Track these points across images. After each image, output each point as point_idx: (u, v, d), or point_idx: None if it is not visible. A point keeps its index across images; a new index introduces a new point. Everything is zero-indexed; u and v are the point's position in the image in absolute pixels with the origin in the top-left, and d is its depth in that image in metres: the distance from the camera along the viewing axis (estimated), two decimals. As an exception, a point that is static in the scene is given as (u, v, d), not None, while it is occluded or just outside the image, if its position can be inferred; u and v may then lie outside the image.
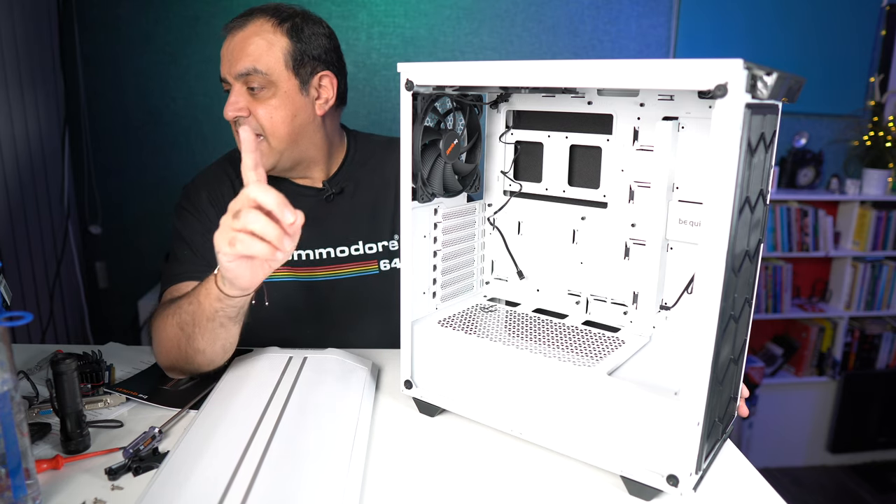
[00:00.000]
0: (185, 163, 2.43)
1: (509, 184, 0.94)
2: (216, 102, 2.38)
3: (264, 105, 0.99)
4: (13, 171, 1.97)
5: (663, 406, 0.63)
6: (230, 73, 0.99)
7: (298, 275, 1.08)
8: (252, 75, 0.98)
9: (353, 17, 2.38)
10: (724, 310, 0.58)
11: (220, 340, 0.86)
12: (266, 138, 1.01)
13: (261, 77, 0.98)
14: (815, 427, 2.87)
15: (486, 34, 2.47)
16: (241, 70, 0.98)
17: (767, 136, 0.64)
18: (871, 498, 2.64)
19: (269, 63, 0.98)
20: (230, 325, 0.84)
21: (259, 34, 0.99)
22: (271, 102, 0.99)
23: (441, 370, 0.81)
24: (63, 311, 2.30)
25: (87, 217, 2.45)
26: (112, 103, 2.38)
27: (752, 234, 0.65)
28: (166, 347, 0.90)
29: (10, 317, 0.55)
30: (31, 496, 0.61)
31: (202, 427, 0.75)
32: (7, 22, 1.93)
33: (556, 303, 0.92)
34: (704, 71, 0.54)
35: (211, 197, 1.07)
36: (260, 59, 0.98)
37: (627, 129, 0.81)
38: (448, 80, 0.73)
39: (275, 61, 0.99)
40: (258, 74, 0.98)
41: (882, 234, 2.68)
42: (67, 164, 2.32)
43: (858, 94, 2.69)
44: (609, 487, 0.69)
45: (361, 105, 2.44)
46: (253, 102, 0.99)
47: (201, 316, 0.83)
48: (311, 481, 0.64)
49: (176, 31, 2.33)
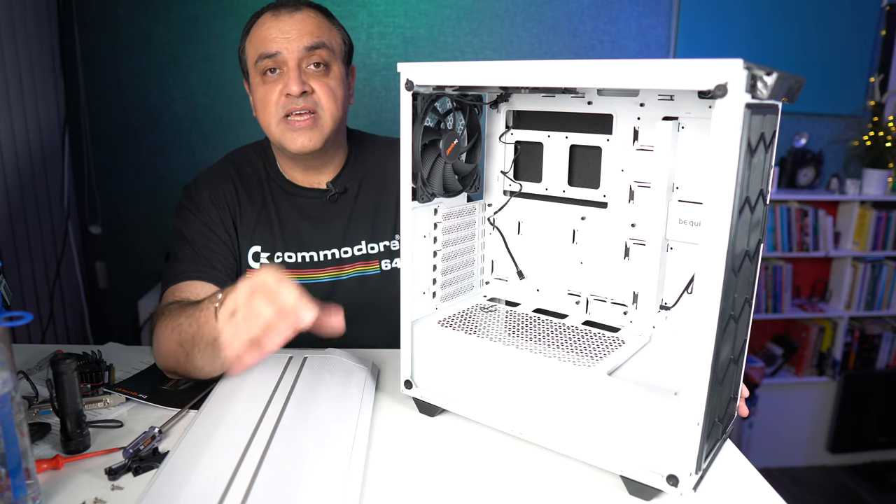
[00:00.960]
0: (185, 163, 2.43)
1: (509, 184, 0.94)
2: (216, 102, 2.38)
3: (326, 82, 1.02)
4: (13, 172, 1.97)
5: (663, 406, 0.63)
6: (291, 49, 0.99)
7: (302, 276, 1.08)
8: (321, 49, 1.00)
9: (353, 17, 2.38)
10: (724, 310, 0.58)
11: (218, 360, 0.82)
12: (322, 115, 1.02)
13: (328, 52, 1.01)
14: (815, 427, 2.87)
15: (486, 34, 2.47)
16: (313, 43, 0.99)
17: (767, 136, 0.64)
18: (871, 498, 2.64)
19: (334, 43, 1.03)
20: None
21: (318, 18, 1.02)
22: (332, 81, 1.02)
23: (441, 370, 0.81)
24: (63, 311, 2.30)
25: (87, 217, 2.44)
26: (112, 103, 2.38)
27: (752, 234, 0.65)
28: (165, 357, 0.89)
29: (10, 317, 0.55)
30: (31, 496, 0.61)
31: (202, 427, 0.75)
32: (7, 22, 1.93)
33: (556, 303, 0.92)
34: (704, 71, 0.54)
35: (212, 196, 1.07)
36: (326, 37, 1.01)
37: (627, 129, 0.81)
38: (448, 80, 0.73)
39: (336, 43, 1.04)
40: (326, 49, 1.00)
41: (882, 234, 2.68)
42: (67, 164, 2.32)
43: (858, 94, 2.69)
44: (609, 487, 0.69)
45: (361, 105, 2.44)
46: (313, 80, 1.01)
47: (201, 339, 0.81)
48: (311, 481, 0.64)
49: (176, 31, 2.33)
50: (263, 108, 1.02)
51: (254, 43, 1.01)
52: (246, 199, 1.08)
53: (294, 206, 1.10)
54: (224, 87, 2.36)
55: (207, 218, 1.05)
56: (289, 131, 1.01)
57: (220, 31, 2.32)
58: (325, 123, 1.02)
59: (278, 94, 1.00)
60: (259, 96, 1.02)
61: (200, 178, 1.12)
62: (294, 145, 1.01)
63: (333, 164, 1.12)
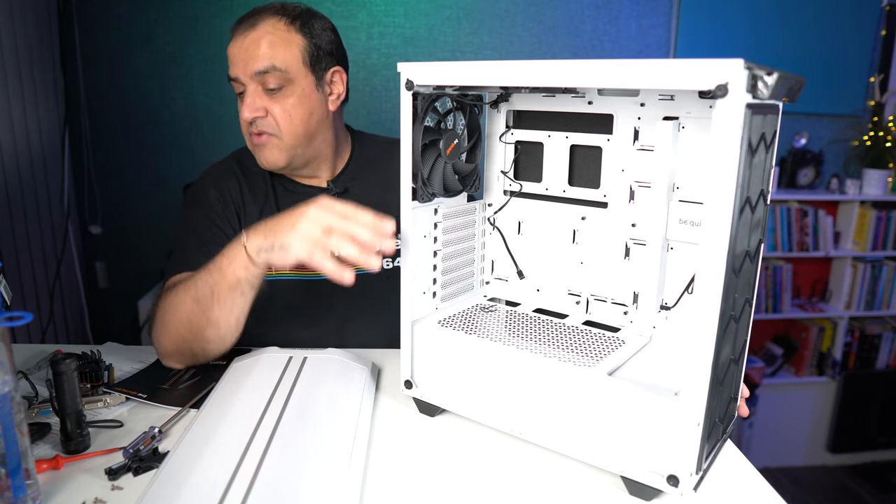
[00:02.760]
0: (185, 163, 2.43)
1: (509, 184, 0.94)
2: (216, 102, 2.38)
3: (282, 104, 0.99)
4: (13, 171, 1.97)
5: (663, 406, 0.63)
6: (245, 73, 0.99)
7: (303, 273, 1.08)
8: (270, 73, 0.97)
9: (353, 17, 2.38)
10: (724, 310, 0.58)
11: (236, 310, 0.87)
12: (281, 137, 1.01)
13: (279, 75, 0.98)
14: (815, 427, 2.87)
15: (486, 34, 2.47)
16: (260, 68, 0.97)
17: (768, 136, 0.64)
18: (871, 498, 2.64)
19: (287, 60, 0.99)
20: (249, 294, 0.86)
21: (273, 33, 0.99)
22: (289, 101, 1.00)
23: (441, 370, 0.81)
24: (63, 311, 2.30)
25: (87, 217, 2.44)
26: (112, 103, 2.37)
27: (752, 234, 0.65)
28: (175, 326, 0.90)
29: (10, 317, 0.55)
30: (31, 496, 0.61)
31: (202, 427, 0.75)
32: (7, 22, 1.93)
33: (557, 303, 0.92)
34: (705, 71, 0.54)
35: (218, 193, 1.07)
36: (277, 57, 0.98)
37: (628, 128, 0.80)
38: (448, 80, 0.73)
39: (292, 59, 0.99)
40: (277, 72, 0.98)
41: (882, 234, 2.68)
42: (67, 164, 2.32)
43: (858, 94, 2.69)
44: (609, 487, 0.69)
45: (361, 105, 2.44)
46: (270, 102, 1.00)
47: (223, 285, 0.84)
48: (311, 481, 0.64)
49: (176, 31, 2.33)
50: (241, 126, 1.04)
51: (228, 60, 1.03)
52: (249, 196, 1.09)
53: (295, 203, 1.10)
54: (224, 87, 2.36)
55: (213, 213, 1.06)
56: (256, 150, 1.04)
57: (220, 31, 2.32)
58: (285, 142, 1.02)
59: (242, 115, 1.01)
60: None
61: (206, 176, 1.12)
62: (261, 162, 1.04)
63: (335, 163, 1.13)
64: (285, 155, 1.03)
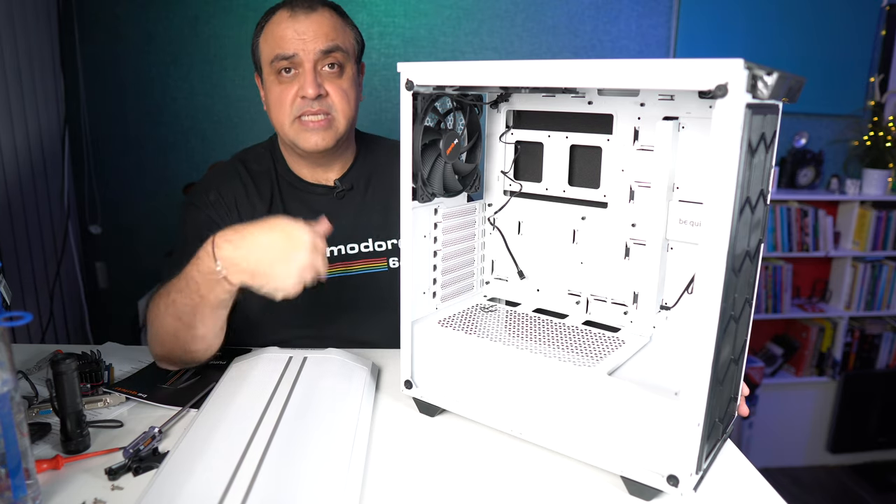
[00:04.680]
0: (185, 163, 2.42)
1: (509, 184, 0.94)
2: (217, 102, 2.38)
3: (339, 84, 1.03)
4: (13, 171, 1.97)
5: (663, 406, 0.63)
6: (307, 50, 1.00)
7: None
8: (336, 52, 1.01)
9: (353, 17, 2.34)
10: (724, 310, 0.58)
11: (220, 321, 0.89)
12: (336, 117, 1.04)
13: (343, 55, 1.03)
14: (815, 427, 2.87)
15: (486, 34, 2.47)
16: (328, 46, 1.00)
17: (768, 136, 0.64)
18: (871, 498, 2.64)
19: (348, 45, 1.04)
20: (230, 302, 0.88)
21: (333, 19, 1.03)
22: (345, 83, 1.04)
23: (441, 370, 0.81)
24: (63, 311, 2.30)
25: (87, 217, 2.44)
26: (112, 103, 2.37)
27: (752, 234, 0.65)
28: (163, 338, 0.91)
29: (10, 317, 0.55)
30: (31, 496, 0.61)
31: (202, 427, 0.75)
32: (7, 22, 1.93)
33: (557, 303, 0.92)
34: (705, 71, 0.54)
35: (220, 196, 1.07)
36: (340, 38, 1.02)
37: (628, 128, 0.80)
38: (448, 80, 0.73)
39: (350, 45, 1.05)
40: (340, 52, 1.02)
41: (882, 234, 2.68)
42: (67, 164, 2.32)
43: (858, 94, 2.69)
44: (609, 487, 0.69)
45: (361, 105, 2.43)
46: (327, 82, 1.02)
47: (205, 308, 0.85)
48: (311, 481, 0.64)
49: (176, 31, 2.33)
50: (278, 107, 1.03)
51: (269, 41, 1.02)
52: (255, 195, 1.09)
53: (302, 201, 1.11)
54: (224, 87, 2.36)
55: (215, 216, 1.05)
56: (303, 131, 1.03)
57: (220, 31, 2.32)
58: (339, 124, 1.05)
59: (293, 96, 1.01)
60: (274, 96, 1.03)
61: (209, 178, 1.13)
62: (307, 144, 1.04)
63: (342, 161, 1.14)
64: (337, 135, 1.05)
